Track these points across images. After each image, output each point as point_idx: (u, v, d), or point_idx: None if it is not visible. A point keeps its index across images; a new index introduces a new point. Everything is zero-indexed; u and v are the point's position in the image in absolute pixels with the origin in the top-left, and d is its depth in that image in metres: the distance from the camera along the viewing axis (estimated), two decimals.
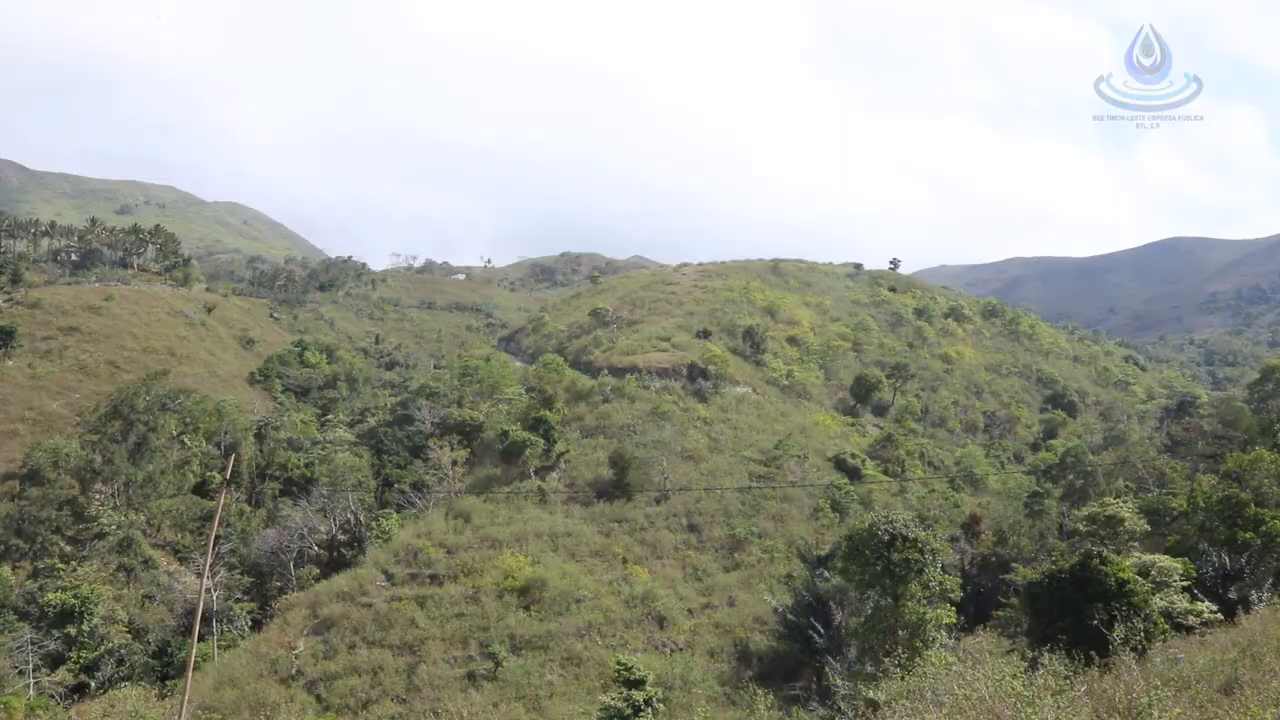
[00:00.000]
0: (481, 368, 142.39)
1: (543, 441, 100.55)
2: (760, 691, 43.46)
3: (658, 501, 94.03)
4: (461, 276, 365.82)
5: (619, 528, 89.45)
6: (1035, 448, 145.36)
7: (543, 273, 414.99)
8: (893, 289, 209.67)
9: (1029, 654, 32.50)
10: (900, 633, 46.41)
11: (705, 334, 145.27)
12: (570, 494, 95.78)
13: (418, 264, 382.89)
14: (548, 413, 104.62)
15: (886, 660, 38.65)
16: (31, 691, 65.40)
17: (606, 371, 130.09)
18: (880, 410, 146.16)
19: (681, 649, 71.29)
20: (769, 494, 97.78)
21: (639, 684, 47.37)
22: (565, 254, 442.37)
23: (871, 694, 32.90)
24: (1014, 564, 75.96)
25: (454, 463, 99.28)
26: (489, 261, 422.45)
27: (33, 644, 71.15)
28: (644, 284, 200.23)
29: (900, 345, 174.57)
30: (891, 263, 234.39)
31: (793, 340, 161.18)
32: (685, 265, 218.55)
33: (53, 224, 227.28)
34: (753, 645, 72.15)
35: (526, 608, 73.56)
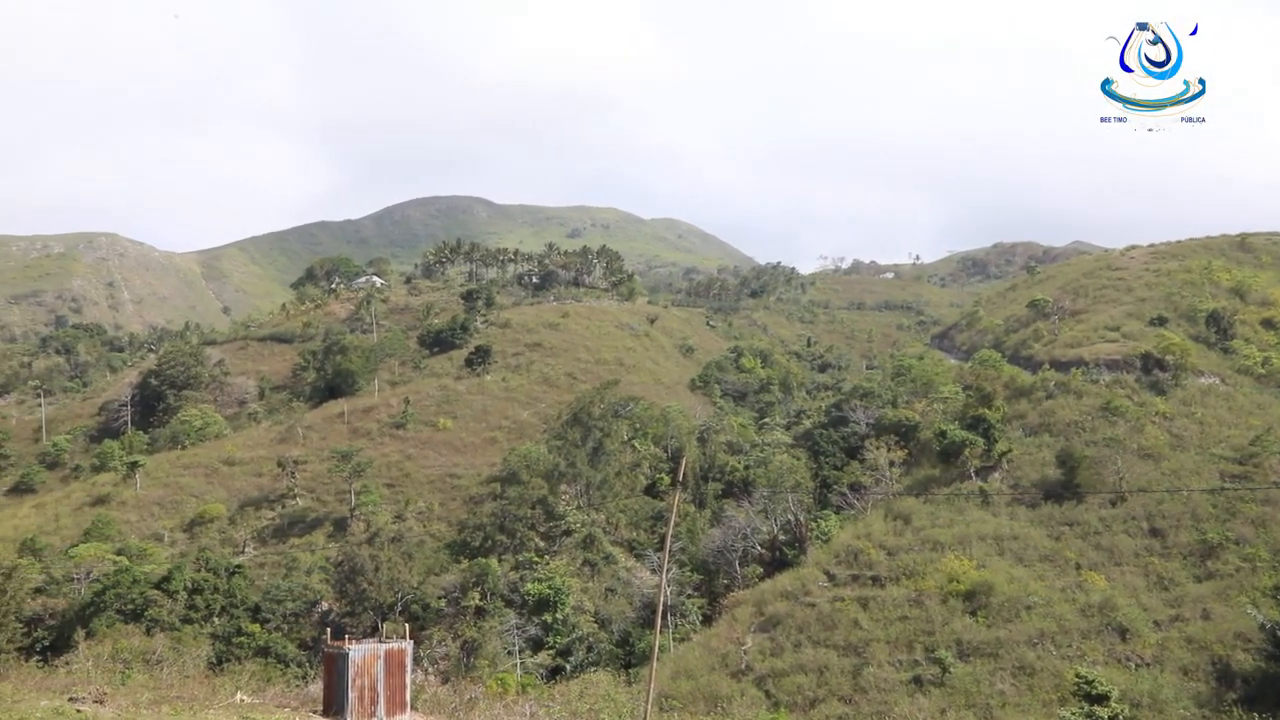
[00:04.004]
0: (914, 366, 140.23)
1: (982, 441, 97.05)
2: (1253, 717, 39.08)
3: (1113, 503, 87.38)
4: (890, 275, 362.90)
5: (1069, 531, 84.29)
6: None
7: (973, 266, 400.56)
8: None
9: None
10: None
11: (1160, 321, 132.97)
12: (1014, 495, 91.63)
13: (845, 265, 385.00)
14: (986, 411, 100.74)
15: None
16: (519, 671, 73.47)
17: (1048, 366, 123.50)
18: None
19: (1148, 664, 65.73)
20: (1247, 496, 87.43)
21: (1102, 699, 44.27)
22: (997, 245, 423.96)
23: None
24: None
25: (891, 463, 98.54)
26: (917, 258, 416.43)
27: (517, 629, 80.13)
28: (1086, 271, 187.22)
29: None
30: None
31: (1269, 324, 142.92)
32: (1133, 248, 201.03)
33: (516, 251, 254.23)
34: (1235, 665, 64.78)
35: (973, 613, 71.37)
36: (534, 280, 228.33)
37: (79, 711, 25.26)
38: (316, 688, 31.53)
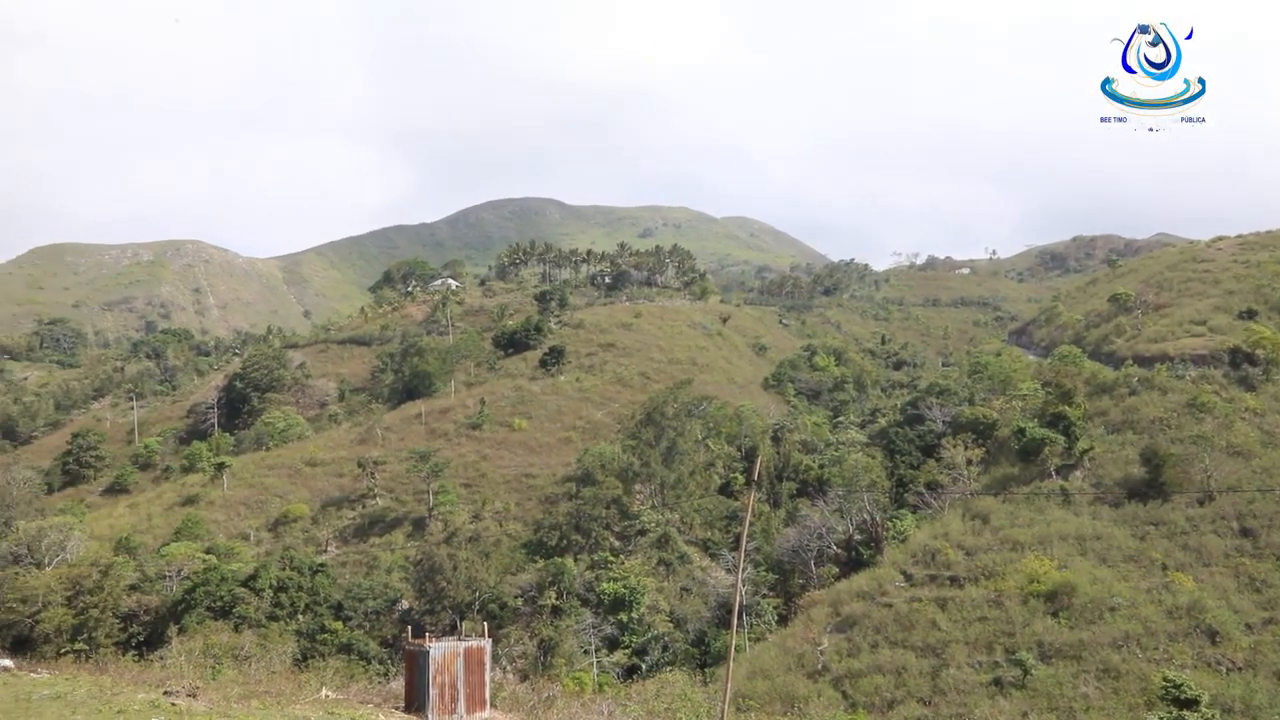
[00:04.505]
0: (992, 363, 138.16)
1: (1063, 439, 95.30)
2: None
3: (1200, 503, 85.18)
4: (966, 271, 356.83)
5: (1155, 531, 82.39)
6: None
7: (1052, 260, 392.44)
8: None
9: None
10: None
11: (1250, 314, 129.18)
12: (1097, 494, 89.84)
13: (919, 261, 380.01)
14: (1067, 408, 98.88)
15: None
16: (595, 670, 74.06)
17: (1131, 361, 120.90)
18: None
19: (1240, 668, 64.06)
20: None
21: (1191, 704, 43.29)
22: (1077, 238, 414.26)
23: None
24: None
25: (968, 462, 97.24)
26: (994, 253, 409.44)
27: (593, 628, 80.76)
28: (1170, 263, 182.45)
29: None
30: None
31: None
32: (1220, 239, 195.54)
33: (589, 252, 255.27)
34: None
35: (1054, 614, 70.21)
36: (606, 280, 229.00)
37: (173, 705, 26.17)
38: (398, 684, 32.20)
